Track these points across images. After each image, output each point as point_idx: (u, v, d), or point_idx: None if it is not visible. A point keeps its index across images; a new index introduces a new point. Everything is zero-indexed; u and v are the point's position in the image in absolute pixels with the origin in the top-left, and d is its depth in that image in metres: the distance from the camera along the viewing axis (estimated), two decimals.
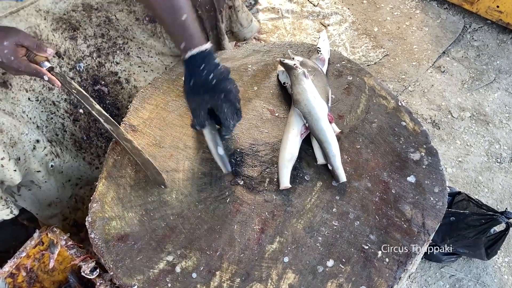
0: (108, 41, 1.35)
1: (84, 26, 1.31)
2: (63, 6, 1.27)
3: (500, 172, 1.87)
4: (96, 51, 1.33)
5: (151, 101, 1.22)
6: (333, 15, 2.51)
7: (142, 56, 1.40)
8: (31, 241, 1.21)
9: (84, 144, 1.41)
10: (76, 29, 1.30)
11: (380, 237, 0.96)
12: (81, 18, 1.30)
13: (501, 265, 1.64)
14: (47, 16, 1.25)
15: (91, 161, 1.45)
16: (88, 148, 1.42)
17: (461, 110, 2.08)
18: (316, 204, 1.01)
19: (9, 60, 1.00)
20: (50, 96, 1.27)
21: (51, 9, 1.25)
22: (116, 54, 1.36)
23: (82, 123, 1.37)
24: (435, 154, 1.08)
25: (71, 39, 1.29)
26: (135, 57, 1.40)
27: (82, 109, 1.35)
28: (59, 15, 1.27)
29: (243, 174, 1.06)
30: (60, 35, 1.27)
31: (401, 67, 2.26)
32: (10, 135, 1.14)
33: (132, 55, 1.39)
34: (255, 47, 1.36)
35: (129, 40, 1.37)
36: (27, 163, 1.21)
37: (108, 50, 1.35)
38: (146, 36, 1.38)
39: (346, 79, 1.24)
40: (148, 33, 1.37)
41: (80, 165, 1.40)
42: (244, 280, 0.91)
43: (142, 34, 1.37)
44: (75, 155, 1.39)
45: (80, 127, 1.38)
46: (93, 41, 1.33)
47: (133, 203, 1.03)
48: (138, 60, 1.40)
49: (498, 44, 2.32)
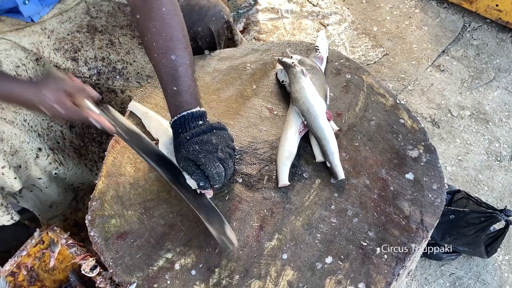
0: (108, 65, 1.35)
1: (86, 47, 1.31)
2: (68, 26, 1.28)
3: (500, 171, 1.88)
4: (96, 75, 1.34)
5: (150, 100, 1.23)
6: (333, 15, 2.52)
7: (141, 81, 1.41)
8: (32, 240, 1.21)
9: (83, 151, 1.41)
10: (77, 50, 1.30)
11: (379, 234, 0.96)
12: (84, 39, 1.31)
13: (501, 263, 1.64)
14: (51, 35, 1.26)
15: (91, 168, 1.45)
16: (86, 155, 1.43)
17: (461, 108, 2.09)
18: (314, 201, 1.01)
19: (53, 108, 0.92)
20: None
21: (56, 28, 1.26)
22: (116, 79, 1.37)
23: (78, 129, 1.37)
24: (434, 151, 1.08)
25: (73, 60, 1.30)
26: (134, 82, 1.40)
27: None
28: (63, 35, 1.28)
29: (242, 172, 1.07)
30: (62, 55, 1.27)
31: (400, 66, 2.27)
32: (11, 143, 1.15)
33: (131, 80, 1.40)
34: (254, 46, 1.36)
35: (128, 64, 1.38)
36: (28, 170, 1.22)
37: (108, 74, 1.35)
38: (146, 60, 1.39)
39: (345, 77, 1.24)
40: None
41: (83, 171, 1.41)
42: (243, 277, 0.92)
43: (143, 58, 1.39)
44: (77, 162, 1.39)
45: (76, 134, 1.38)
46: (94, 64, 1.33)
47: (132, 201, 1.04)
48: (137, 85, 1.41)
49: (497, 43, 2.32)
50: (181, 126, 0.98)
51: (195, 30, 1.33)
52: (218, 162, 0.95)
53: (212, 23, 1.35)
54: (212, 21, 1.35)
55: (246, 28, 2.46)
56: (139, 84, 1.41)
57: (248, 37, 2.41)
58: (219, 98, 1.23)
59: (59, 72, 1.02)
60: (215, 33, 1.37)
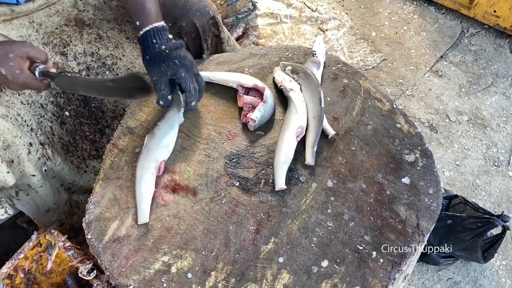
0: (97, 61, 1.34)
1: (75, 42, 1.31)
2: (56, 20, 1.28)
3: (497, 176, 1.88)
4: (86, 70, 1.33)
5: (148, 103, 1.23)
6: (331, 20, 2.53)
7: None
8: (29, 243, 1.21)
9: (71, 148, 1.41)
10: (66, 45, 1.30)
11: (375, 238, 0.96)
12: (72, 33, 1.30)
13: (499, 268, 1.64)
14: (39, 29, 1.25)
15: (78, 165, 1.45)
16: (75, 151, 1.43)
17: (459, 114, 2.09)
18: (311, 205, 1.01)
19: (14, 74, 0.96)
20: (38, 98, 1.27)
21: (44, 22, 1.25)
22: (105, 75, 1.37)
23: (69, 126, 1.37)
24: (430, 155, 1.08)
25: (62, 55, 1.29)
26: None
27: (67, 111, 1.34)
28: (51, 29, 1.27)
29: (238, 175, 1.07)
30: (51, 50, 1.27)
31: (399, 72, 2.27)
32: (3, 138, 1.15)
33: None
34: (251, 51, 1.37)
35: (118, 60, 1.37)
36: (21, 165, 1.21)
37: (97, 70, 1.34)
38: (135, 55, 1.39)
39: (342, 81, 1.25)
40: (138, 52, 1.39)
41: (70, 168, 1.41)
42: (239, 280, 0.92)
43: (132, 53, 1.39)
44: (64, 158, 1.39)
45: (66, 130, 1.38)
46: (83, 59, 1.32)
47: (129, 204, 1.04)
48: None
49: (495, 49, 2.33)
50: (155, 37, 1.04)
51: (180, 25, 1.32)
52: (195, 78, 1.03)
53: (197, 18, 1.34)
54: (197, 16, 1.34)
55: (245, 32, 2.47)
56: None
57: (247, 42, 2.42)
58: (217, 102, 1.23)
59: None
60: (200, 28, 1.36)
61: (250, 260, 0.94)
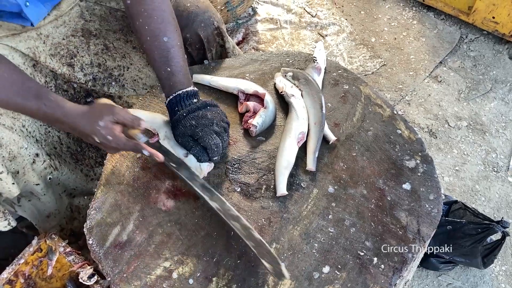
0: (104, 72, 1.35)
1: (82, 53, 1.31)
2: (63, 30, 1.28)
3: (496, 181, 1.88)
4: (92, 81, 1.34)
5: (149, 109, 1.24)
6: (331, 26, 2.54)
7: (137, 89, 1.41)
8: (30, 248, 1.21)
9: (79, 156, 1.41)
10: (73, 56, 1.30)
11: (376, 243, 0.97)
12: (79, 44, 1.31)
13: (498, 274, 1.64)
14: (46, 40, 1.25)
15: (87, 173, 1.45)
16: (83, 160, 1.43)
17: (458, 119, 2.10)
18: (312, 211, 1.02)
19: (107, 141, 0.95)
20: None
21: (51, 33, 1.26)
22: (111, 86, 1.37)
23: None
24: (430, 161, 1.09)
25: (69, 66, 1.29)
26: (129, 90, 1.40)
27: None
28: (58, 39, 1.27)
29: (240, 181, 1.08)
30: (58, 61, 1.27)
31: (398, 77, 2.28)
32: (9, 149, 1.15)
33: (127, 87, 1.40)
34: (252, 56, 1.38)
35: (125, 70, 1.38)
36: (26, 176, 1.22)
37: (103, 80, 1.35)
38: (142, 64, 1.40)
39: (342, 87, 1.25)
40: (145, 62, 1.40)
41: (77, 177, 1.41)
42: (240, 286, 0.92)
43: (139, 62, 1.39)
44: (73, 167, 1.39)
45: (73, 139, 1.39)
46: (90, 70, 1.33)
47: (130, 209, 1.04)
48: (133, 93, 1.40)
49: (494, 55, 2.35)
50: (177, 104, 1.06)
51: (184, 36, 1.31)
52: (215, 135, 1.02)
53: (201, 29, 1.34)
54: (201, 27, 1.34)
55: (245, 38, 2.48)
56: (135, 91, 1.41)
57: (247, 47, 2.43)
58: None
59: (109, 100, 1.05)
60: (204, 39, 1.36)
61: (251, 266, 0.94)
